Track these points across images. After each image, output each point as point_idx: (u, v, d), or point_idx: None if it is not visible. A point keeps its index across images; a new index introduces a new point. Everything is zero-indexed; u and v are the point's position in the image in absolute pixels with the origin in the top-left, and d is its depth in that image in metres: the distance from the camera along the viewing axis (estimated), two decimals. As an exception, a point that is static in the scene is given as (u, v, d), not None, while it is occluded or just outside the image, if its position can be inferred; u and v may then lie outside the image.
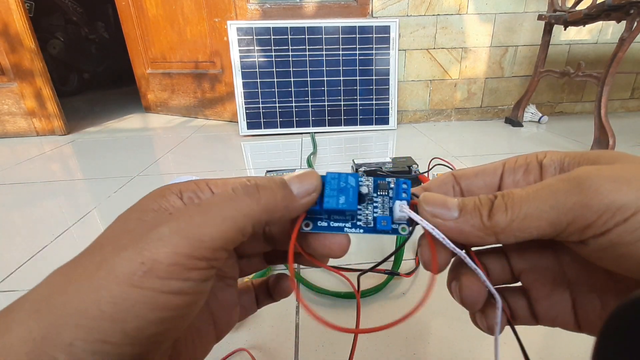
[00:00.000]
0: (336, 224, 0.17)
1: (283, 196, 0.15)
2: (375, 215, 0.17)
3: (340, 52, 1.25)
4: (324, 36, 1.23)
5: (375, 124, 1.33)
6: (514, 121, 1.34)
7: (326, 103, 1.29)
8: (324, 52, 1.24)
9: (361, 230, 0.16)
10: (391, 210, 0.17)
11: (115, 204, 0.77)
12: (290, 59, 1.24)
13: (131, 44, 1.69)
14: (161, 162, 1.04)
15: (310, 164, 0.93)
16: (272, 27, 1.21)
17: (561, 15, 1.05)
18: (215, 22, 1.36)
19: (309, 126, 1.30)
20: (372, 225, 0.16)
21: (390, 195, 0.17)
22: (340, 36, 1.23)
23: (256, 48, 1.22)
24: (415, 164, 0.65)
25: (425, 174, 0.63)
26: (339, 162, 1.00)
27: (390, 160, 0.67)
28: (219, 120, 1.58)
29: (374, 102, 1.31)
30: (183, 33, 1.49)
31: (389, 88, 1.30)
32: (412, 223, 0.16)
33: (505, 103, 1.44)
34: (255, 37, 1.21)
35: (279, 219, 0.15)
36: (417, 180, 0.63)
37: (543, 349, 0.36)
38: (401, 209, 0.16)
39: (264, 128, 1.29)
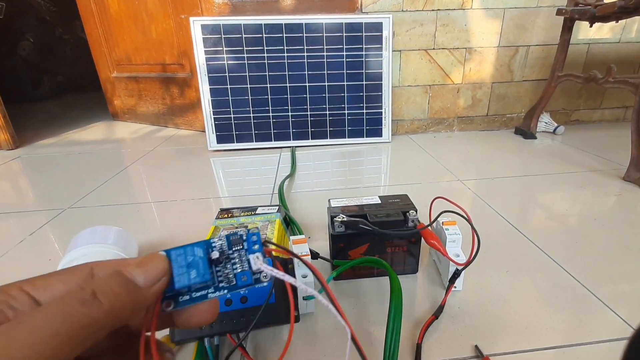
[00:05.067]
0: (199, 293, 0.17)
1: (127, 294, 0.14)
2: (235, 272, 0.17)
3: (325, 54, 1.07)
4: (305, 35, 1.05)
5: (366, 136, 1.15)
6: (525, 132, 1.17)
7: (309, 112, 1.11)
8: (305, 54, 1.06)
9: (225, 291, 0.17)
10: (249, 262, 0.18)
11: (33, 245, 0.59)
12: (266, 61, 1.06)
13: (94, 44, 1.52)
14: (104, 188, 0.86)
15: (281, 195, 0.74)
16: (244, 24, 1.03)
17: (587, 9, 0.88)
18: (181, 18, 1.18)
19: (290, 139, 1.12)
20: (234, 282, 0.17)
21: (246, 247, 0.18)
22: (325, 35, 1.06)
23: (225, 49, 1.04)
24: (413, 208, 0.47)
25: (429, 228, 0.44)
26: (322, 188, 0.82)
27: (380, 202, 0.49)
28: (190, 130, 1.40)
29: (364, 110, 1.13)
30: (148, 32, 1.30)
31: (381, 95, 1.13)
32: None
33: (515, 111, 1.27)
34: (223, 35, 1.03)
35: (128, 317, 0.14)
36: (417, 234, 0.44)
37: None
38: (255, 262, 0.17)
39: (237, 142, 1.11)
